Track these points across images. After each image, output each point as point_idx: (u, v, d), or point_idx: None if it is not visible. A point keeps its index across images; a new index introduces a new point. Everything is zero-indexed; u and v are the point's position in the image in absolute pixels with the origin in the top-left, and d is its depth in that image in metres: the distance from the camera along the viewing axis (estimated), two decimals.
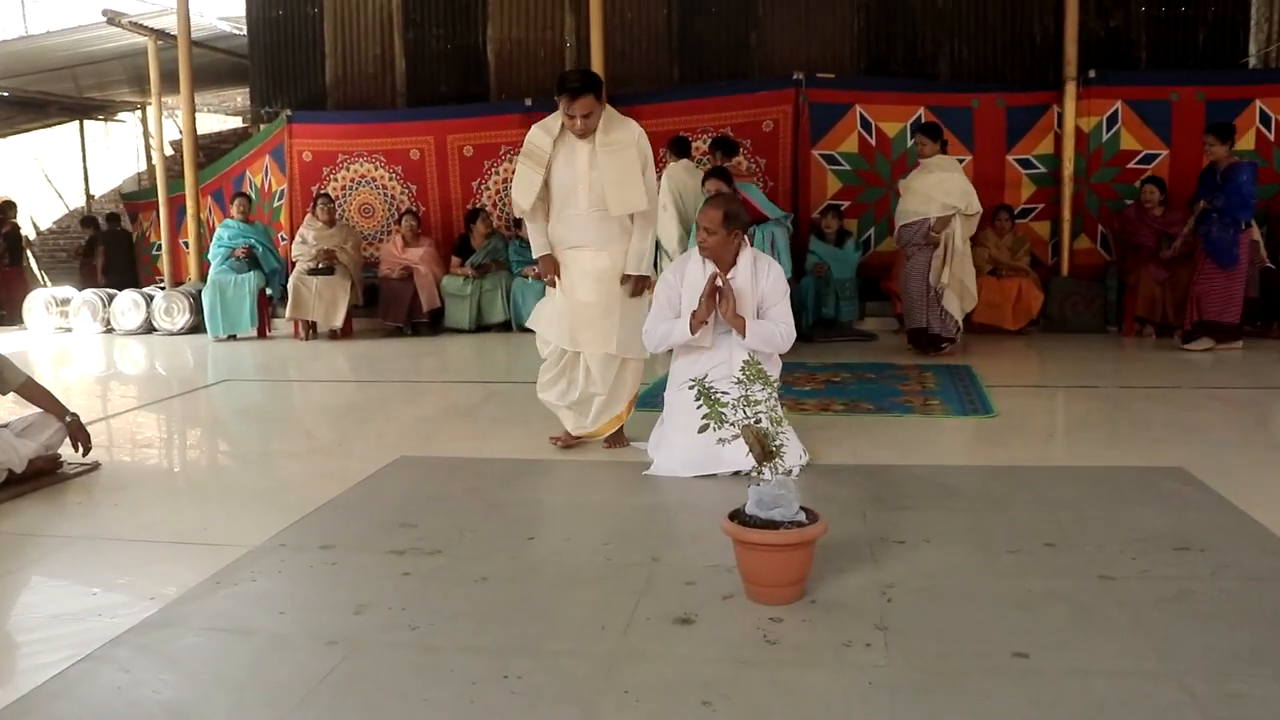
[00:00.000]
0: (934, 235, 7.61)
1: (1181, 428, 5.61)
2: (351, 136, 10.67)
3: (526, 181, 4.81)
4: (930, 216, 7.61)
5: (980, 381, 6.57)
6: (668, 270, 4.74)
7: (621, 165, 4.67)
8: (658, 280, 4.82)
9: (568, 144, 4.76)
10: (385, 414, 6.20)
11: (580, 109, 4.59)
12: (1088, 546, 3.46)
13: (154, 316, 10.20)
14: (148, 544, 3.69)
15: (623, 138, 4.69)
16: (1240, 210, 7.67)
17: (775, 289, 4.55)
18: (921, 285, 7.71)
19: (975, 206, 7.73)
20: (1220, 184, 7.66)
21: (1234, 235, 7.73)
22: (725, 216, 4.45)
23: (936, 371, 7.01)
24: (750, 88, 9.86)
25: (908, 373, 6.98)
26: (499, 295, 9.79)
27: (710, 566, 3.32)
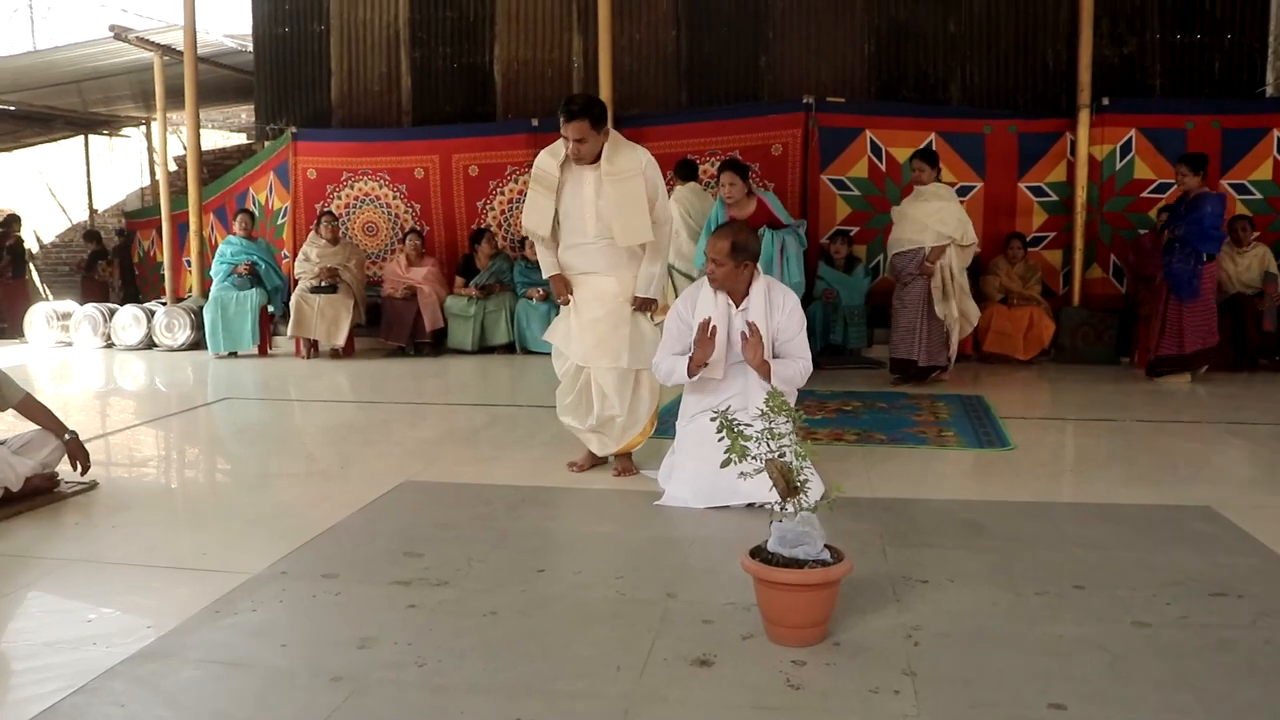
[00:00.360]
0: (929, 266, 7.44)
1: (1205, 464, 5.50)
2: (356, 154, 10.58)
3: (538, 209, 4.76)
4: (925, 246, 7.46)
5: (994, 413, 6.45)
6: (679, 301, 4.62)
7: (627, 195, 4.59)
8: (666, 319, 4.70)
9: (573, 171, 4.70)
10: (388, 436, 6.08)
11: (573, 132, 4.54)
12: (1119, 589, 3.34)
13: (155, 332, 10.09)
14: (146, 569, 3.57)
15: (628, 166, 4.61)
16: (1201, 241, 7.52)
17: (791, 321, 4.43)
18: (913, 316, 7.51)
19: (971, 237, 7.60)
20: (1184, 214, 7.55)
21: (1194, 266, 7.57)
22: (733, 248, 4.32)
23: (949, 402, 6.88)
24: (759, 111, 9.78)
25: (919, 403, 6.86)
26: (503, 316, 9.68)
27: (728, 604, 3.20)
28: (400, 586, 3.33)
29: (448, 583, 3.37)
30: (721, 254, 4.33)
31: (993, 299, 9.00)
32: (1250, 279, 8.56)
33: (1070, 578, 3.44)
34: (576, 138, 4.55)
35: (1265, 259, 8.60)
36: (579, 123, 4.53)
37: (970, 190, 9.35)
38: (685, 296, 4.58)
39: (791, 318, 4.42)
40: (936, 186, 7.61)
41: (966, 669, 2.74)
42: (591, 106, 4.60)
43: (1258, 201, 9.05)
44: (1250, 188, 9.09)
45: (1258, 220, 8.80)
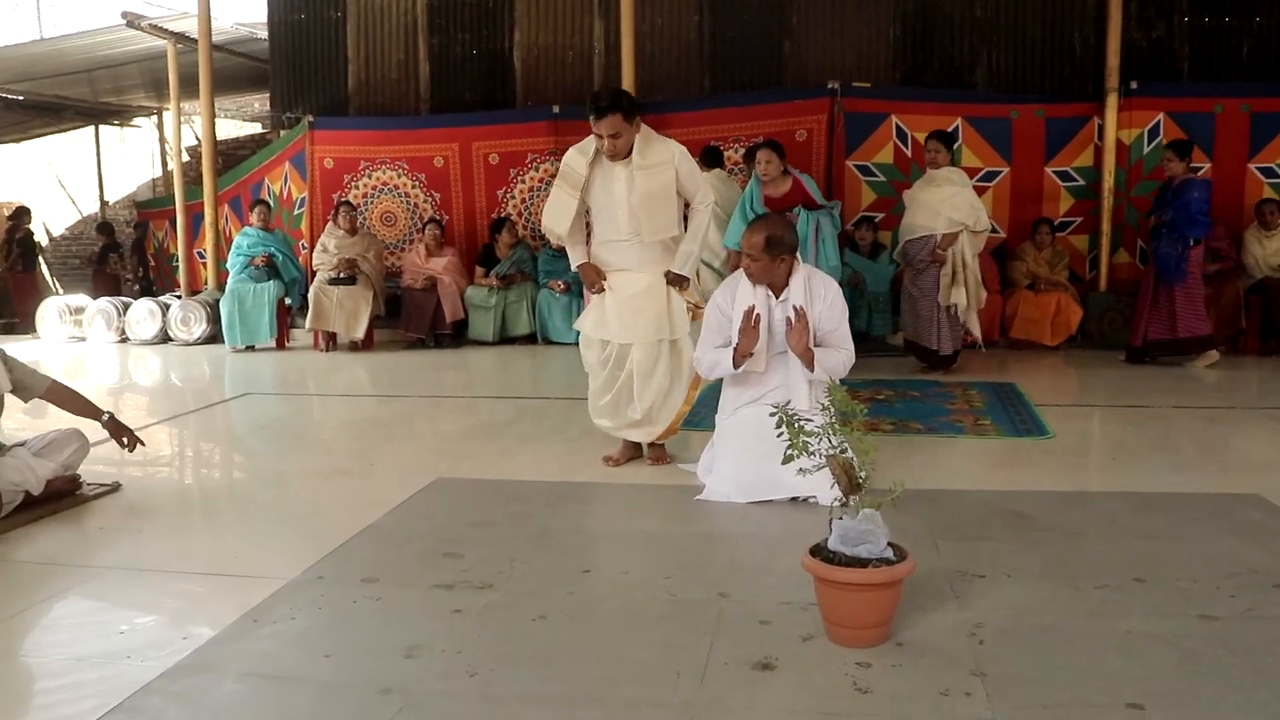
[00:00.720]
0: (940, 253, 7.28)
1: (1247, 451, 5.42)
2: (374, 143, 10.44)
3: (560, 206, 4.68)
4: (937, 232, 7.29)
5: (1028, 400, 6.34)
6: (718, 292, 4.48)
7: (658, 188, 4.54)
8: (706, 310, 4.57)
9: (604, 168, 4.62)
10: (415, 431, 5.98)
11: (607, 128, 4.45)
12: (1180, 582, 3.25)
13: (170, 326, 9.99)
14: (177, 575, 3.47)
15: (660, 159, 4.55)
16: (1188, 227, 7.51)
17: (833, 311, 4.31)
18: (932, 304, 7.36)
19: (984, 223, 7.45)
20: (1171, 200, 7.52)
21: (1182, 251, 7.56)
22: (767, 243, 4.19)
23: (982, 389, 6.77)
24: (784, 97, 9.63)
25: (952, 390, 6.74)
26: (524, 307, 9.57)
27: (784, 604, 3.10)
28: (443, 590, 3.23)
29: (491, 585, 3.27)
30: (756, 249, 4.22)
31: (1020, 285, 8.88)
32: (1276, 262, 8.43)
33: (1128, 570, 3.35)
34: (611, 133, 4.46)
35: None
36: (612, 117, 4.44)
37: (997, 175, 9.22)
38: (724, 288, 4.45)
39: (833, 307, 4.31)
40: (949, 170, 7.45)
41: (1036, 668, 2.65)
42: (620, 99, 4.53)
43: None
44: (1278, 171, 8.95)
45: None
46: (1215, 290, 8.31)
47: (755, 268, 4.25)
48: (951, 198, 7.29)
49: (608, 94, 4.55)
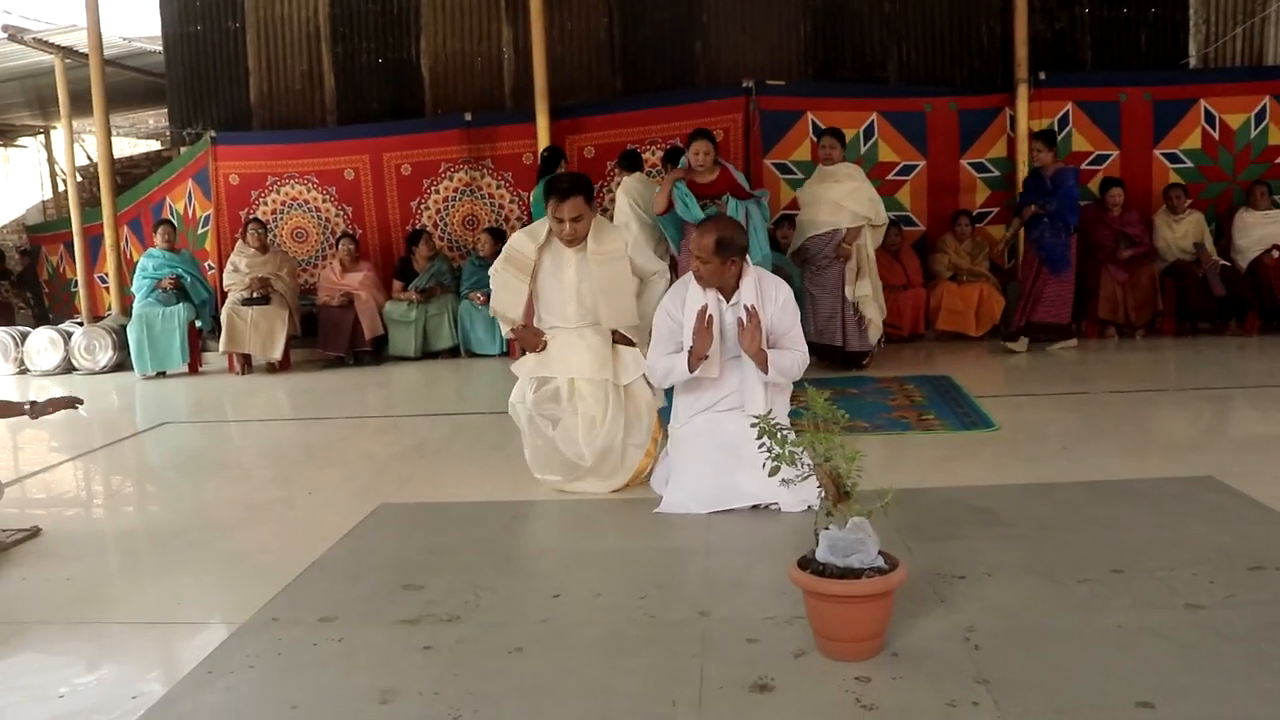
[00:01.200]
0: (846, 248, 7.26)
1: (1188, 432, 5.51)
2: (281, 157, 10.09)
3: (511, 291, 4.54)
4: (842, 227, 7.27)
5: (966, 392, 6.35)
6: (666, 298, 4.35)
7: (614, 276, 4.45)
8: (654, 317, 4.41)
9: (553, 252, 4.49)
10: (349, 455, 5.75)
11: (570, 211, 4.34)
12: (1157, 570, 3.23)
13: (73, 355, 9.52)
14: (115, 626, 3.21)
15: (615, 248, 4.46)
16: (1071, 214, 7.84)
17: (785, 313, 4.21)
18: (834, 301, 7.30)
19: (883, 216, 7.53)
20: (1051, 189, 7.71)
21: (1065, 240, 7.85)
22: (718, 245, 4.07)
23: (918, 383, 6.77)
24: (699, 97, 9.56)
25: (889, 386, 6.73)
26: (445, 320, 9.33)
27: (767, 619, 2.99)
28: (408, 626, 3.05)
29: (459, 617, 3.10)
30: (707, 251, 4.09)
31: (942, 276, 8.94)
32: (1187, 245, 8.65)
33: (1104, 562, 3.33)
34: (573, 216, 4.35)
35: (1200, 225, 8.71)
36: (575, 200, 4.35)
37: (914, 169, 9.29)
38: (673, 293, 4.31)
39: (785, 309, 4.21)
40: (847, 166, 7.49)
41: (1038, 671, 2.59)
42: (582, 182, 4.47)
43: (1190, 170, 9.17)
44: (1182, 156, 9.20)
45: (1190, 188, 8.92)
46: (1131, 274, 8.48)
47: (705, 270, 4.13)
48: (853, 193, 7.30)
49: (568, 177, 4.49)
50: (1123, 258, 8.49)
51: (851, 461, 2.73)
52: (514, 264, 4.52)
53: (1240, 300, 8.38)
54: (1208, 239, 8.64)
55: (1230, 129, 9.04)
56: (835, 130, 7.69)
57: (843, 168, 7.41)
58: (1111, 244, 8.57)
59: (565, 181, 4.41)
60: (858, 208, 7.26)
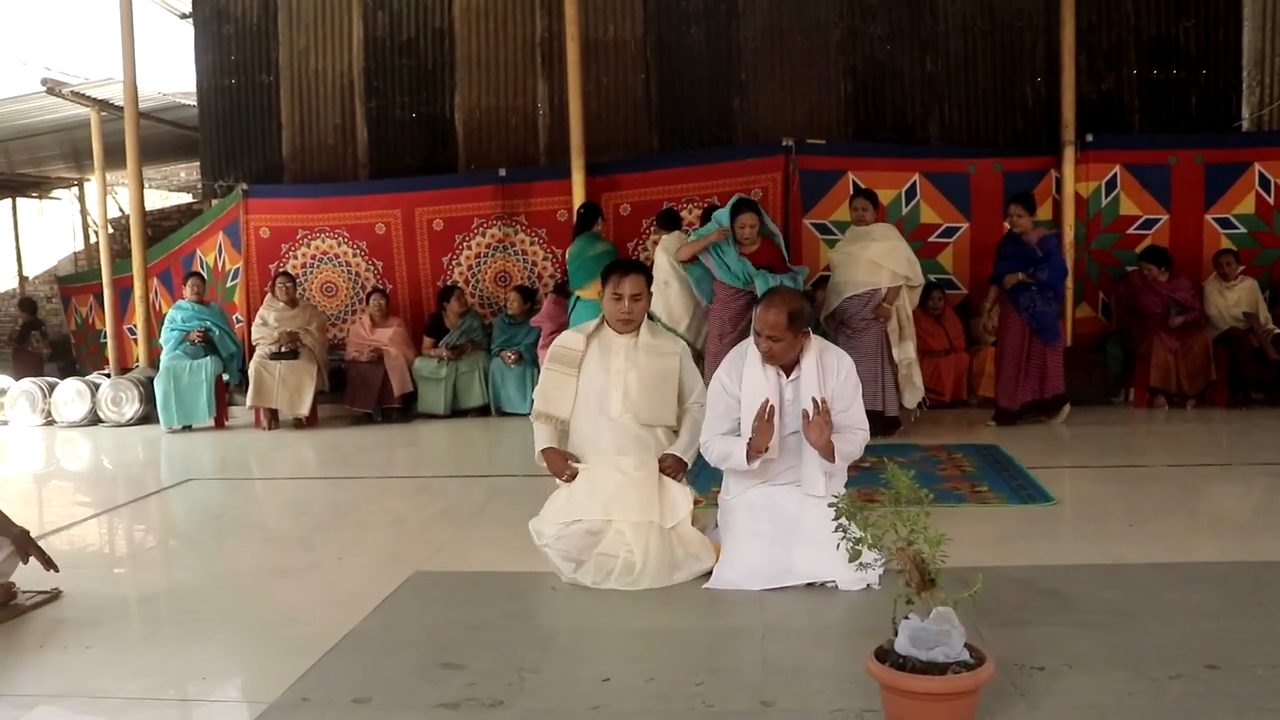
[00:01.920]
0: (886, 308, 7.08)
1: (1261, 512, 5.24)
2: (312, 211, 10.01)
3: (560, 387, 4.29)
4: (882, 287, 7.10)
5: (1018, 463, 6.11)
6: (721, 370, 4.12)
7: (663, 372, 4.23)
8: (709, 383, 4.21)
9: (602, 340, 4.30)
10: (378, 518, 5.55)
11: (630, 287, 4.17)
12: (1257, 668, 2.99)
13: (100, 407, 9.39)
14: (139, 702, 3.00)
15: (669, 348, 4.32)
16: (1060, 283, 7.59)
17: (846, 388, 3.99)
18: (873, 365, 7.00)
19: (921, 277, 7.36)
20: (1041, 256, 7.32)
21: (1056, 309, 7.56)
22: (790, 319, 3.85)
23: (967, 453, 6.54)
24: (737, 155, 9.45)
25: (937, 455, 6.50)
26: (476, 377, 9.17)
27: (835, 711, 2.77)
28: (449, 711, 2.83)
29: (503, 702, 2.88)
30: (779, 328, 3.85)
31: (985, 341, 8.71)
32: (1239, 313, 8.39)
33: (1196, 656, 3.08)
34: (633, 294, 4.19)
35: (1253, 291, 8.47)
36: (636, 277, 4.22)
37: (956, 231, 9.11)
38: (728, 366, 4.08)
39: (847, 384, 3.99)
40: (883, 226, 7.38)
41: None
42: (641, 265, 4.37)
43: (1242, 235, 8.94)
44: (1234, 222, 8.98)
45: (1243, 254, 8.68)
46: (1184, 342, 8.23)
47: (778, 348, 3.90)
48: (891, 252, 7.15)
49: (628, 260, 4.50)
50: (1175, 324, 8.25)
51: (937, 546, 2.52)
52: (561, 361, 4.31)
53: None
54: (1262, 306, 8.39)
55: None
56: (869, 191, 7.59)
57: (878, 227, 7.28)
58: (1162, 311, 8.35)
59: (626, 261, 4.39)
60: (897, 267, 7.11)
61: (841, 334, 7.18)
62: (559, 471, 4.19)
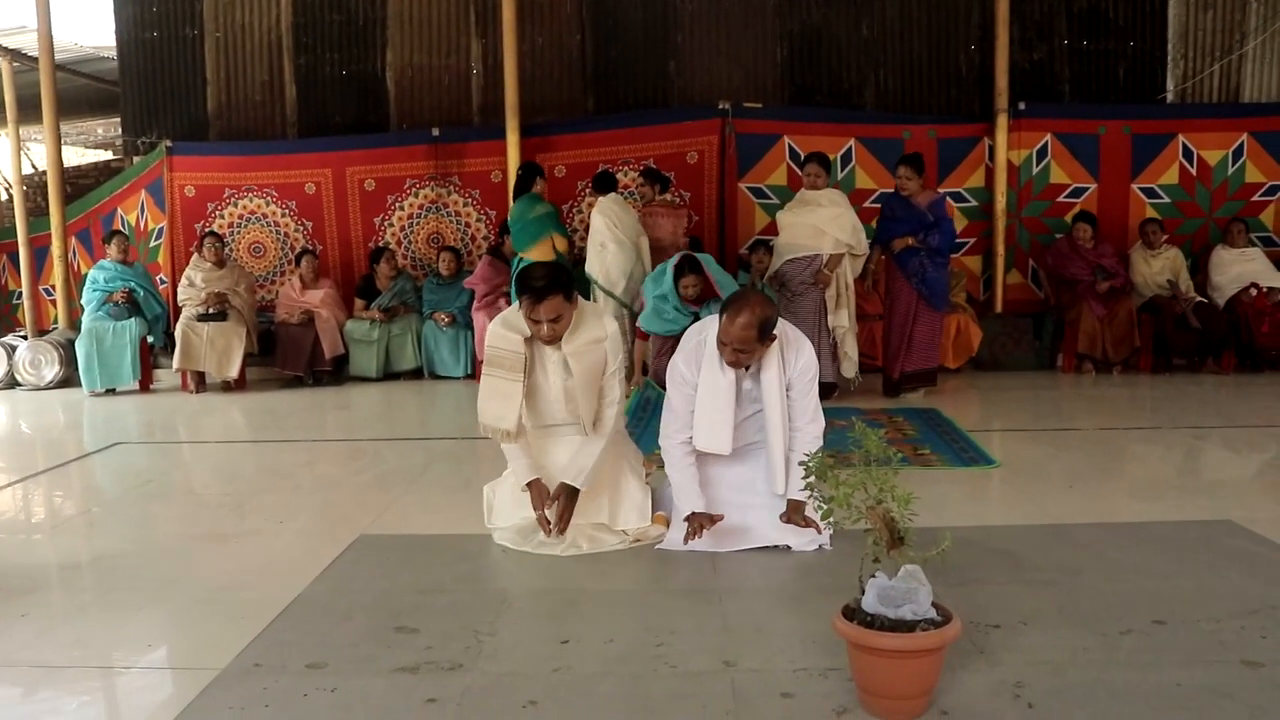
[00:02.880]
0: (826, 274, 7.08)
1: (1193, 474, 5.40)
2: (239, 169, 9.73)
3: (503, 396, 3.90)
4: (824, 253, 7.08)
5: (960, 427, 6.18)
6: (679, 357, 3.93)
7: (592, 371, 3.91)
8: (668, 375, 4.02)
9: (538, 345, 3.96)
10: (317, 482, 5.43)
11: (547, 312, 3.78)
12: (1200, 622, 3.07)
13: (17, 369, 9.07)
14: (81, 671, 2.90)
15: (593, 335, 3.92)
16: (950, 248, 7.41)
17: (805, 378, 3.88)
18: (810, 330, 6.90)
19: (865, 245, 7.28)
20: (931, 221, 7.17)
21: (946, 276, 7.42)
22: (760, 331, 3.63)
23: (908, 416, 6.61)
24: (674, 117, 9.38)
25: (877, 418, 6.55)
26: (409, 340, 9.02)
27: (799, 671, 2.76)
28: (407, 675, 2.77)
29: (462, 665, 2.83)
30: (748, 342, 3.65)
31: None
32: (1163, 281, 8.58)
33: (1144, 612, 3.16)
34: (552, 317, 3.79)
35: (1176, 261, 8.66)
36: (552, 299, 3.77)
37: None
38: (688, 354, 3.90)
39: (805, 374, 3.88)
40: (830, 192, 7.31)
41: None
42: (559, 277, 3.83)
43: (1166, 205, 9.14)
44: (1159, 191, 9.18)
45: (1167, 224, 8.88)
46: (1110, 309, 8.39)
47: (744, 358, 3.72)
48: (836, 219, 7.11)
49: (540, 271, 3.82)
50: (1101, 290, 8.41)
51: (906, 505, 2.52)
52: (500, 364, 3.91)
53: (1217, 338, 8.31)
54: (1184, 275, 8.59)
55: (1208, 165, 9.04)
56: (820, 156, 7.49)
57: (826, 193, 7.24)
58: (1089, 277, 8.50)
59: (540, 278, 3.77)
60: (840, 234, 7.09)
61: (782, 296, 7.18)
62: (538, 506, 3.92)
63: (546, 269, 3.85)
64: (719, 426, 3.82)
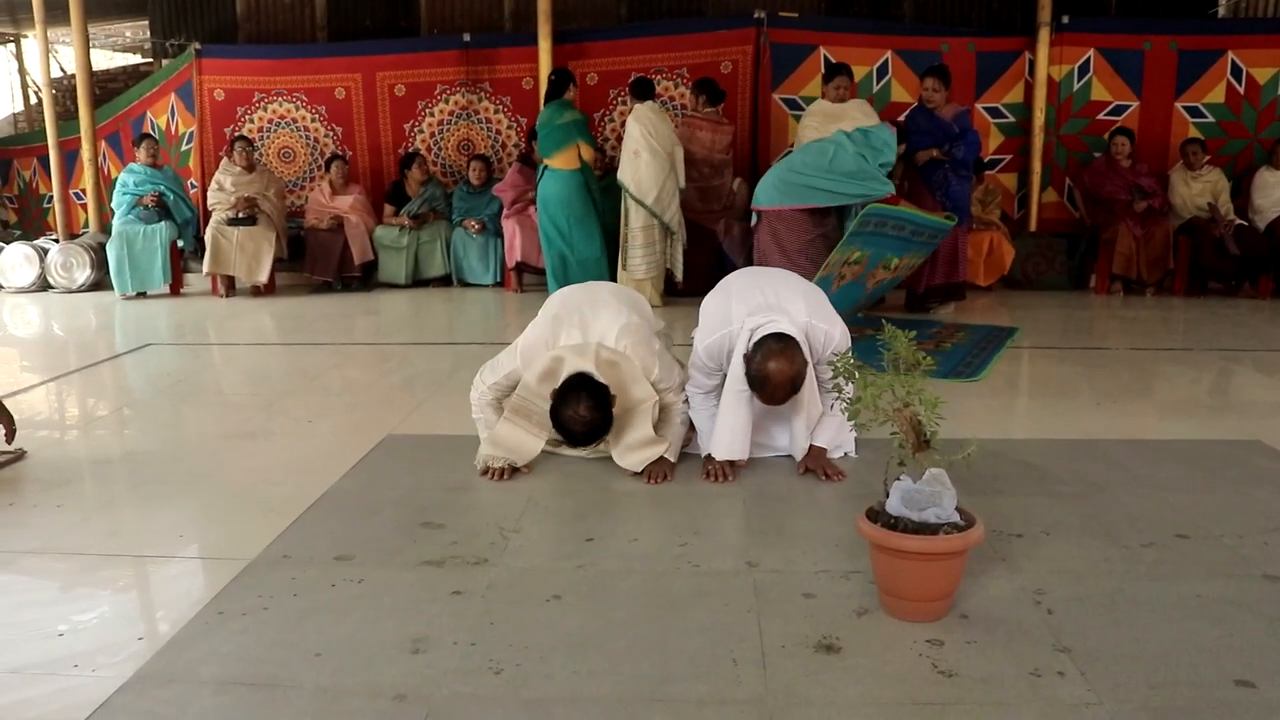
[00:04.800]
0: None
1: (1220, 392, 5.32)
2: (269, 73, 9.64)
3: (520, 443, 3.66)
4: None
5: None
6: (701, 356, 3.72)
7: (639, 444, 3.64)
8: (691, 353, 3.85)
9: None
10: (345, 384, 5.47)
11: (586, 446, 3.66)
12: (1224, 537, 3.07)
13: (49, 272, 9.14)
14: (113, 559, 2.96)
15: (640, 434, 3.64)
16: (974, 160, 7.29)
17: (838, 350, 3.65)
18: None
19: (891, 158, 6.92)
20: (957, 132, 7.00)
21: (969, 189, 7.31)
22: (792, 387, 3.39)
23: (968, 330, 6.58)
24: (708, 26, 9.19)
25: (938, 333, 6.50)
26: (438, 247, 9.01)
27: (821, 573, 2.79)
28: (433, 568, 2.82)
29: (487, 560, 2.87)
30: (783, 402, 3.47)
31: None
32: (1203, 203, 8.40)
33: (1167, 526, 3.16)
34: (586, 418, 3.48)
35: (1218, 184, 8.45)
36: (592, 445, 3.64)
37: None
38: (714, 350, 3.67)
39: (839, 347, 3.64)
40: (860, 103, 7.23)
41: (1121, 641, 2.41)
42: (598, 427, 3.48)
43: (1210, 125, 8.88)
44: (1204, 110, 8.91)
45: (1210, 144, 8.63)
46: (1147, 230, 8.25)
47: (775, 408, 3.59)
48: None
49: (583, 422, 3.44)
50: (1139, 210, 8.25)
51: (933, 408, 2.51)
52: (528, 418, 3.65)
53: (1255, 261, 8.16)
54: (1224, 198, 8.40)
55: (1257, 83, 8.76)
56: (845, 68, 7.38)
57: (854, 104, 7.14)
58: (1126, 197, 8.34)
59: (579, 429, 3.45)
60: None
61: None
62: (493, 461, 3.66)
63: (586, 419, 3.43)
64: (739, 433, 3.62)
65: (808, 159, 6.35)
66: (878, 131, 6.22)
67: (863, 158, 6.15)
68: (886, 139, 6.19)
